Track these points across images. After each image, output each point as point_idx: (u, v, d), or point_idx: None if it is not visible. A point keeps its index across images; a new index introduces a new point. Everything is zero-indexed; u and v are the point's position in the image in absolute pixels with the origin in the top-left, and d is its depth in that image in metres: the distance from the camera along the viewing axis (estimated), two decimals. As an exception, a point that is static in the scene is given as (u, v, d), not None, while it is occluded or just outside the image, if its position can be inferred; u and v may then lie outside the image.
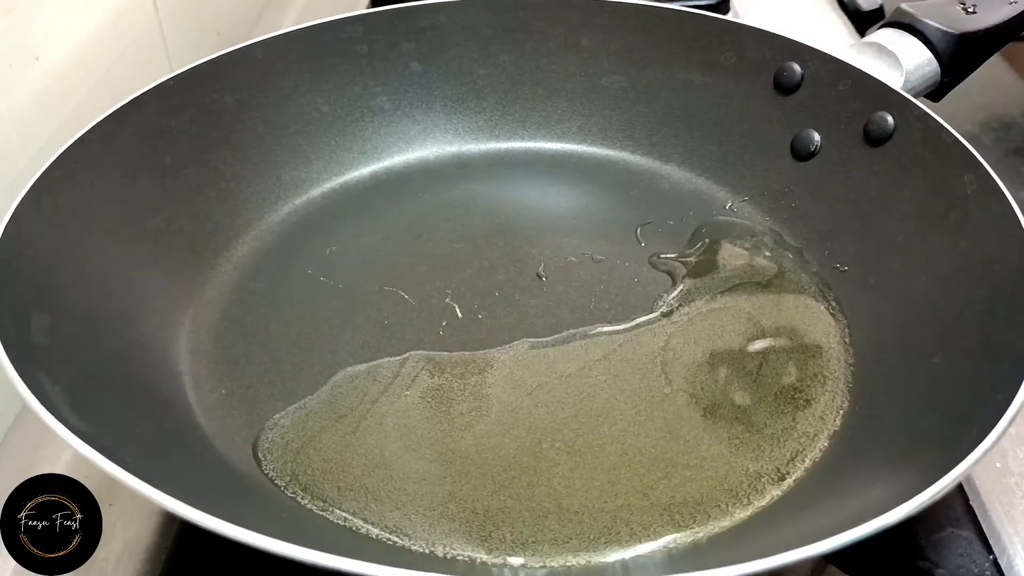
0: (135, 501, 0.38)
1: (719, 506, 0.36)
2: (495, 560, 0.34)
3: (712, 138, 0.54)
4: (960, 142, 0.42)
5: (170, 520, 0.38)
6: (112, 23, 0.54)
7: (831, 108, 0.49)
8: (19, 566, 0.32)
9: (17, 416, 0.43)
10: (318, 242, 0.50)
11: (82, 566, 0.32)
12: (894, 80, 0.48)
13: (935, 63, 0.49)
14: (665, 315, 0.45)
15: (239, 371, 0.42)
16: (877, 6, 0.72)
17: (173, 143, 0.48)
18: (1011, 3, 0.51)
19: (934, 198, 0.43)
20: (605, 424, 0.39)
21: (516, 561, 0.34)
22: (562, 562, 0.34)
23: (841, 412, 0.39)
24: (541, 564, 0.34)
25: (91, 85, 0.51)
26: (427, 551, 0.34)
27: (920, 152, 0.44)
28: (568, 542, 0.34)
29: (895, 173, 0.45)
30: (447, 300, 0.46)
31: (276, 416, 0.40)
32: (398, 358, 0.42)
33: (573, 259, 0.48)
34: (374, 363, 0.42)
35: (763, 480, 0.37)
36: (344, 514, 0.35)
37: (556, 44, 0.56)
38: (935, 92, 0.51)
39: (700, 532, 0.35)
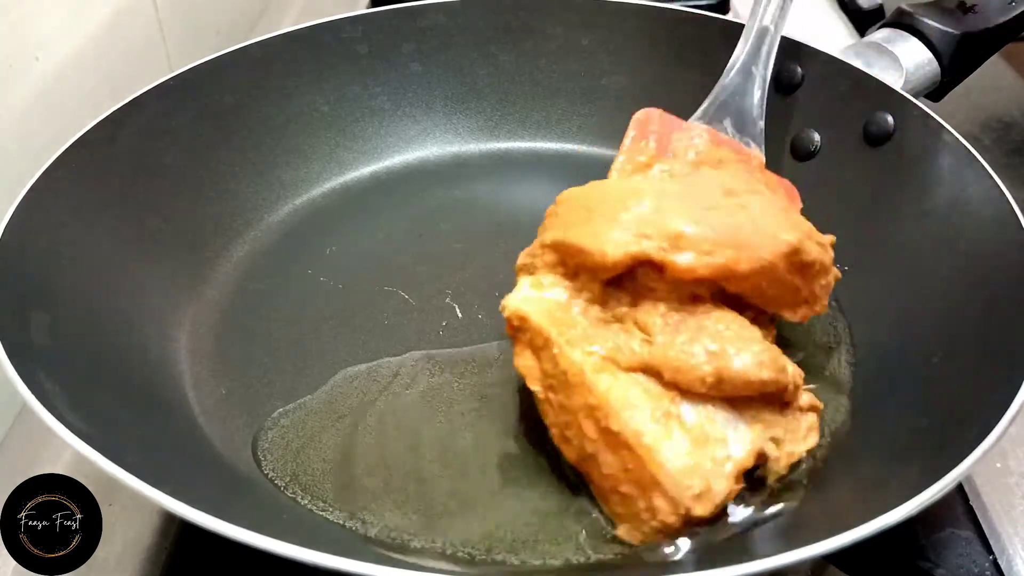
0: (135, 501, 0.38)
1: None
2: (495, 559, 0.34)
3: (712, 138, 0.54)
4: (960, 142, 0.42)
5: (170, 520, 0.38)
6: (112, 23, 0.54)
7: (831, 108, 0.49)
8: (19, 566, 0.32)
9: (17, 416, 0.43)
10: (318, 242, 0.50)
11: (82, 566, 0.32)
12: (894, 80, 0.48)
13: (935, 63, 0.50)
14: (665, 315, 0.45)
15: (239, 371, 0.42)
16: (877, 6, 0.72)
17: (173, 143, 0.48)
18: (1011, 3, 0.51)
19: (934, 198, 0.43)
20: (605, 424, 0.39)
21: (517, 560, 0.34)
22: (562, 561, 0.34)
23: (841, 412, 0.39)
24: (541, 563, 0.34)
25: (91, 85, 0.51)
26: (427, 550, 0.34)
27: (920, 152, 0.44)
28: (569, 540, 0.34)
29: (895, 173, 0.45)
30: (447, 300, 0.46)
31: (276, 416, 0.40)
32: (398, 358, 0.42)
33: (573, 259, 0.48)
34: (374, 363, 0.42)
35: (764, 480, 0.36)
36: (344, 514, 0.35)
37: (556, 44, 0.56)
38: (935, 92, 0.51)
39: (700, 532, 0.35)
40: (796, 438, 0.35)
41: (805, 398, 0.36)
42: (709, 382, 0.32)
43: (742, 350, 0.33)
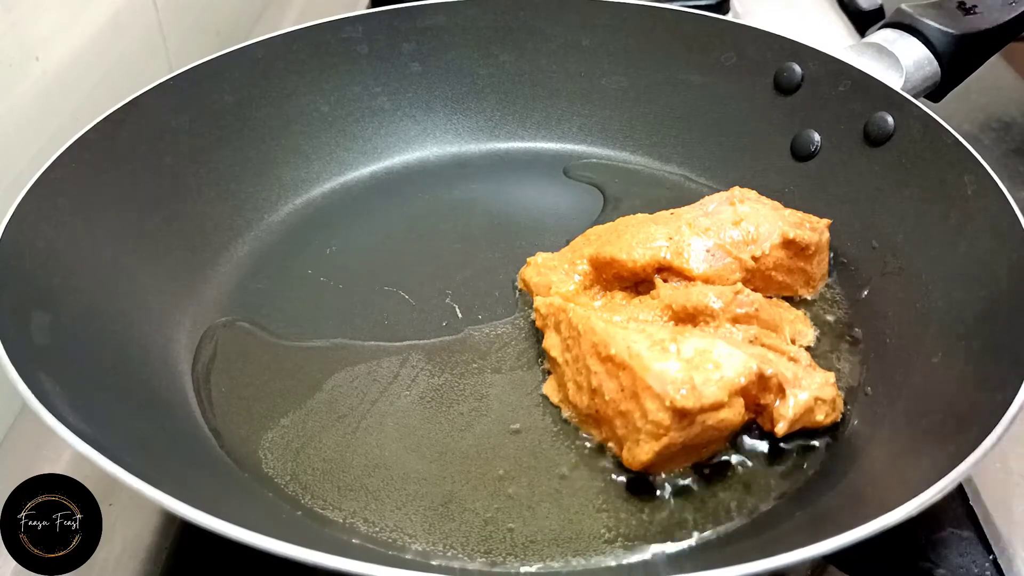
0: (135, 501, 0.38)
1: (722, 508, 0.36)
2: (495, 560, 0.34)
3: (712, 138, 0.54)
4: (960, 142, 0.42)
5: (170, 520, 0.38)
6: (112, 23, 0.54)
7: (831, 108, 0.49)
8: (19, 566, 0.32)
9: (17, 416, 0.43)
10: (318, 242, 0.50)
11: (82, 566, 0.32)
12: (894, 80, 0.48)
13: (935, 63, 0.50)
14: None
15: (239, 371, 0.42)
16: (877, 6, 0.72)
17: (173, 143, 0.48)
18: (1011, 3, 0.51)
19: (934, 198, 0.43)
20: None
21: (516, 561, 0.34)
22: (563, 562, 0.34)
23: (842, 413, 0.39)
24: (541, 564, 0.34)
25: (91, 85, 0.51)
26: (427, 550, 0.34)
27: (920, 152, 0.44)
28: (568, 542, 0.34)
29: (895, 173, 0.45)
30: (447, 300, 0.46)
31: (276, 416, 0.40)
32: (398, 358, 0.42)
33: (573, 259, 0.48)
34: (374, 363, 0.42)
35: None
36: (344, 514, 0.35)
37: (556, 44, 0.56)
38: (935, 92, 0.51)
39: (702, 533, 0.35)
40: (809, 385, 0.37)
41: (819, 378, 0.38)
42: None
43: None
